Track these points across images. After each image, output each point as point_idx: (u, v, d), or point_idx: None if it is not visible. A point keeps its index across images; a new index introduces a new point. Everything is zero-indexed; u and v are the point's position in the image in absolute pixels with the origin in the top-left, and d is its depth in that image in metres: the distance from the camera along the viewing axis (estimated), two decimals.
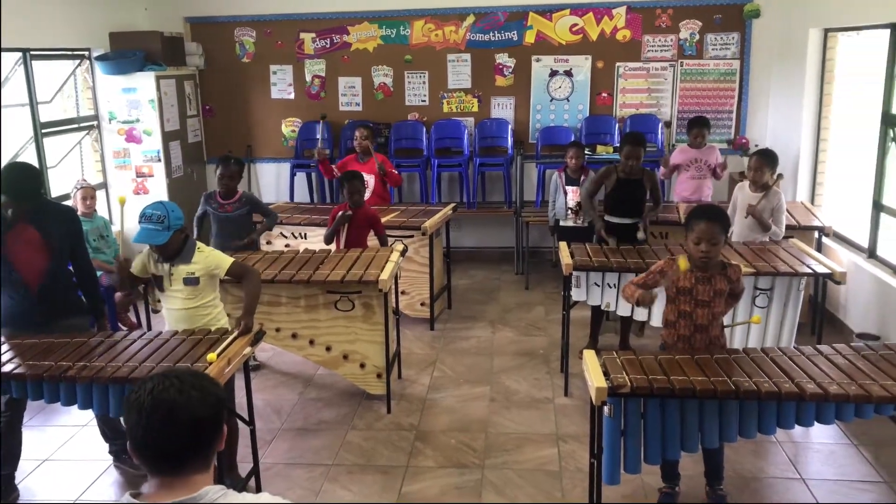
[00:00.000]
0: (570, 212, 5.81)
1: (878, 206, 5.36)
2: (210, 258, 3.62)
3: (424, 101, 7.52)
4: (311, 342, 4.52)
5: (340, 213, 5.10)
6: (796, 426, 3.06)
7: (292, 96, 7.65)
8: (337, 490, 3.77)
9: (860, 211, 5.69)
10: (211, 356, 3.14)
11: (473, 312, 6.18)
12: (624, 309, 4.69)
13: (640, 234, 5.18)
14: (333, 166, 6.20)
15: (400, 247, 4.93)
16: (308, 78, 7.59)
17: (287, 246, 5.84)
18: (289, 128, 7.71)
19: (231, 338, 3.36)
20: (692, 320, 3.38)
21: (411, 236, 5.60)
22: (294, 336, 4.52)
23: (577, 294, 4.69)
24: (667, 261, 3.45)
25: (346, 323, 4.47)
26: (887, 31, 5.17)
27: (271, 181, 7.83)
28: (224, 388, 3.48)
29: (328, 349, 4.51)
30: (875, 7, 5.23)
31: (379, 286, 4.30)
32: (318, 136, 6.93)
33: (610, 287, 4.64)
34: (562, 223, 5.87)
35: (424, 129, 7.45)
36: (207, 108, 7.75)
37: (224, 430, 1.68)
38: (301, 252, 4.97)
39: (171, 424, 1.56)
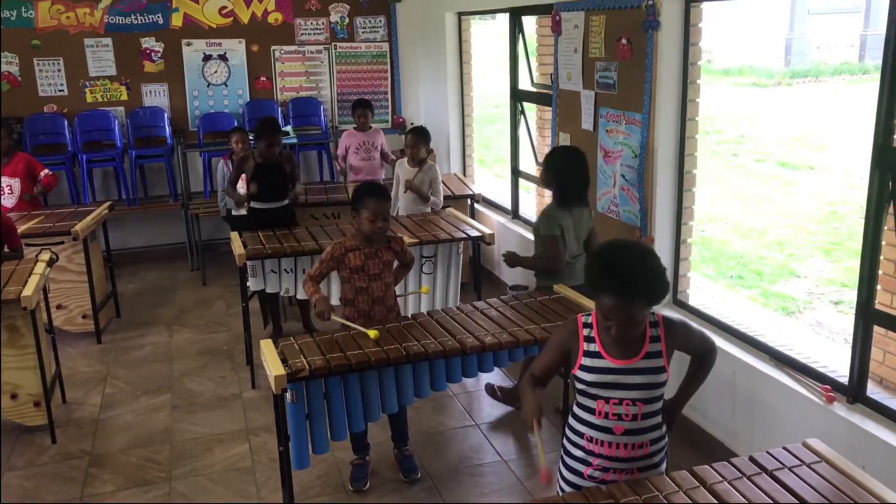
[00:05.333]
0: None
1: (515, 172, 6.05)
2: None
3: (63, 90, 6.73)
4: None
5: None
6: (464, 378, 3.36)
7: None
8: None
9: (503, 177, 6.38)
10: None
11: (146, 317, 5.74)
12: (302, 292, 4.71)
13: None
14: None
15: (46, 256, 4.37)
16: None
17: None
18: None
19: None
20: (369, 294, 3.51)
21: (61, 243, 5.00)
22: None
23: (254, 283, 4.59)
24: (334, 245, 3.52)
25: None
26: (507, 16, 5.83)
27: None
28: None
29: None
30: None
31: (23, 304, 3.78)
32: None
33: (287, 272, 4.63)
34: (234, 212, 5.68)
35: (66, 123, 6.68)
36: None
37: None
38: None
39: None
